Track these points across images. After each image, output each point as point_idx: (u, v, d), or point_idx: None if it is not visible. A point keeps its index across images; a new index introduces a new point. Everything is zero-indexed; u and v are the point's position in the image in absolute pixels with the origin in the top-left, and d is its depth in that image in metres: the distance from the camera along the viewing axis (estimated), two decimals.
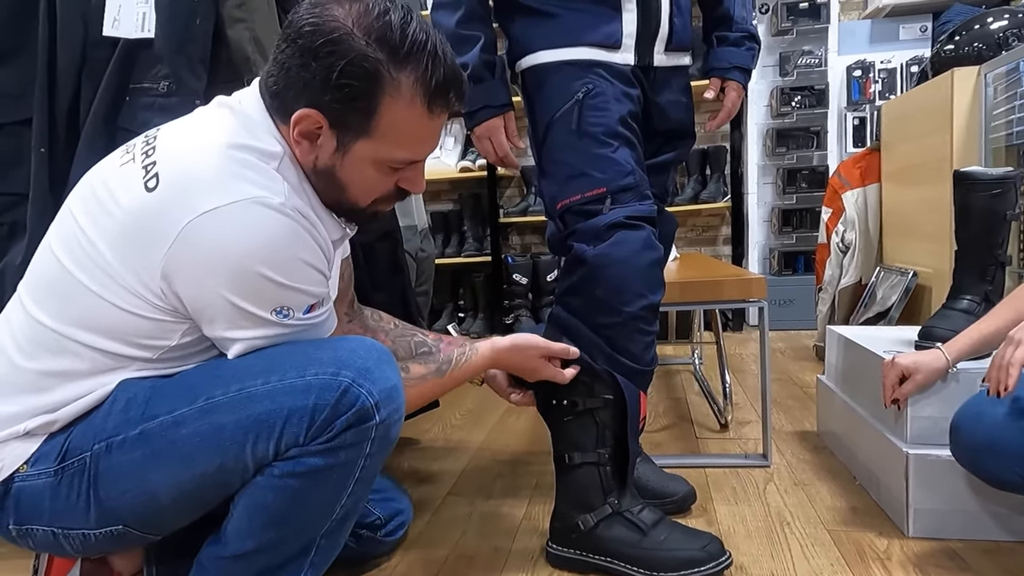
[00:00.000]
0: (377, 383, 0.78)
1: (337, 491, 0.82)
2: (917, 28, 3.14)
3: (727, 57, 1.31)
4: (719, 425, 1.84)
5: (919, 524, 1.17)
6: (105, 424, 0.80)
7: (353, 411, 0.77)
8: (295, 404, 0.76)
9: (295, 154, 0.83)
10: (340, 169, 0.84)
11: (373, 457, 0.81)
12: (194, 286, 0.77)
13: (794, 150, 3.29)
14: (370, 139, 0.81)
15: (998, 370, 0.97)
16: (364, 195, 0.87)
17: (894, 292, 2.18)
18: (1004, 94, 1.82)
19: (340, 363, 0.78)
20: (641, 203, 1.14)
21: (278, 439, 0.77)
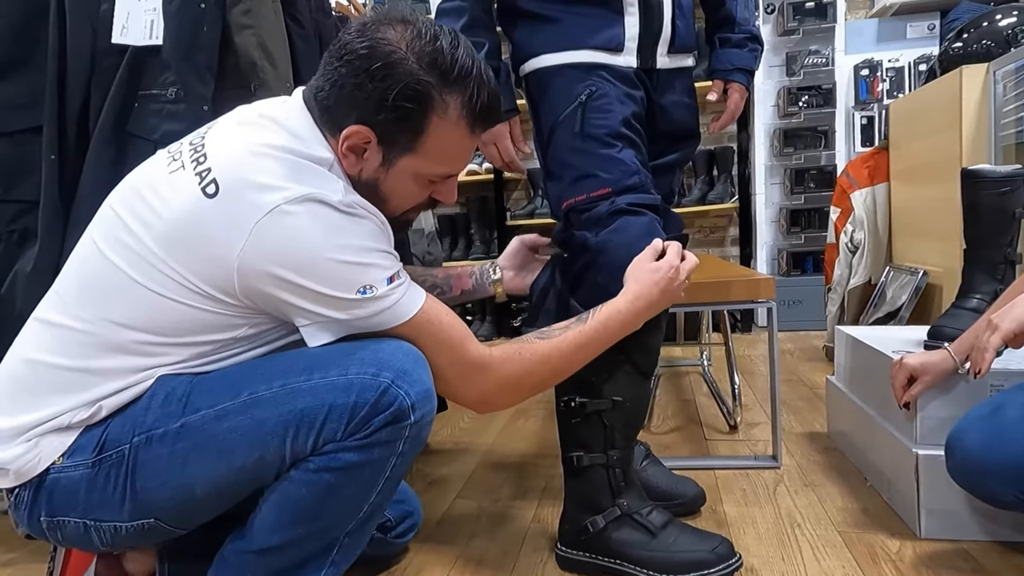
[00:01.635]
0: (415, 385, 0.82)
1: (367, 488, 0.84)
2: (924, 26, 3.13)
3: (729, 59, 1.31)
4: (728, 426, 1.83)
5: (931, 525, 1.16)
6: (145, 418, 0.82)
7: (391, 410, 0.80)
8: (337, 400, 0.79)
9: (341, 164, 0.88)
10: (383, 182, 0.89)
11: (404, 456, 0.84)
12: (273, 283, 0.80)
13: (802, 150, 3.28)
14: (414, 155, 0.87)
15: (976, 352, 1.00)
16: (401, 205, 0.93)
17: (904, 292, 2.16)
18: (1013, 91, 1.81)
19: (380, 364, 0.81)
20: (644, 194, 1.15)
21: (317, 434, 0.80)
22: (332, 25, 1.58)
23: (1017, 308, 0.96)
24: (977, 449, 0.97)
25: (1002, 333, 0.96)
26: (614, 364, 1.10)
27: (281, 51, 1.34)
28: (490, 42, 1.17)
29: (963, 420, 1.02)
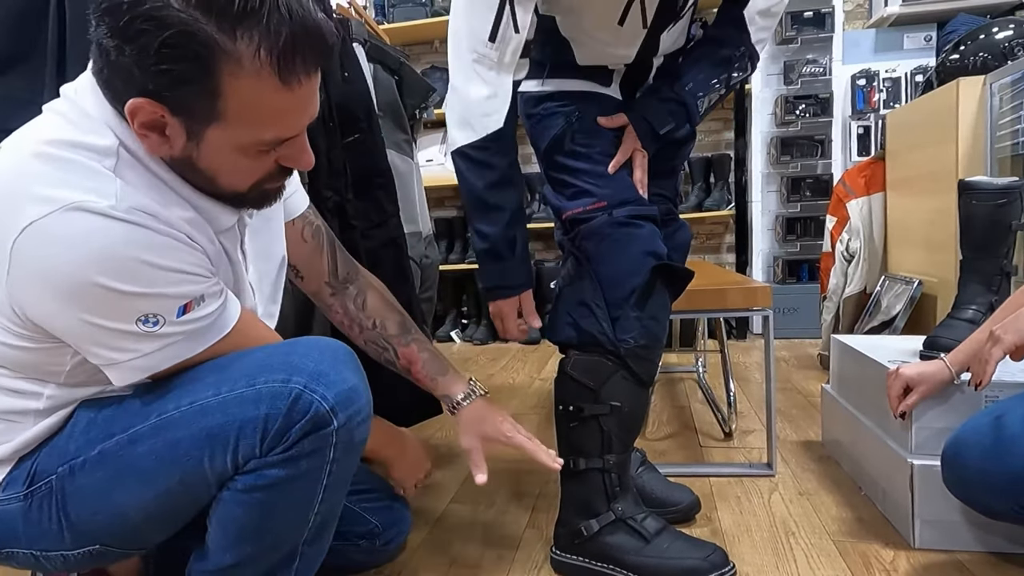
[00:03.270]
0: (332, 387, 0.74)
1: (306, 500, 0.79)
2: (922, 38, 3.15)
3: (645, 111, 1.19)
4: (723, 434, 1.84)
5: (925, 535, 1.16)
6: (68, 446, 0.78)
7: (307, 418, 0.73)
8: (246, 415, 0.73)
9: (142, 145, 0.72)
10: (199, 159, 0.72)
11: (339, 462, 0.77)
12: (43, 310, 0.70)
13: (798, 158, 3.29)
14: (223, 124, 0.69)
15: (977, 363, 1.00)
16: (240, 181, 0.76)
17: (899, 301, 2.17)
18: (1010, 104, 1.82)
19: (291, 368, 0.74)
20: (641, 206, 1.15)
21: (234, 452, 0.74)
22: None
23: (1020, 320, 0.96)
24: (975, 463, 0.97)
25: (1005, 346, 0.96)
26: (611, 370, 1.10)
27: None
28: (514, 206, 1.09)
29: (960, 432, 1.02)
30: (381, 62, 1.95)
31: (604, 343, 1.09)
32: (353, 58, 1.67)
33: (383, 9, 3.70)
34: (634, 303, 1.09)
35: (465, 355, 3.23)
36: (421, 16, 3.60)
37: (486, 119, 1.04)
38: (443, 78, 3.71)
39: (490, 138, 1.04)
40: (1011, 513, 0.95)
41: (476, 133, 1.04)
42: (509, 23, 1.00)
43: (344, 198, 1.54)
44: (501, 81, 1.04)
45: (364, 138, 1.62)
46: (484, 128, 1.04)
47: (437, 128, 3.68)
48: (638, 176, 1.18)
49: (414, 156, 2.08)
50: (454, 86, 1.05)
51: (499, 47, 1.01)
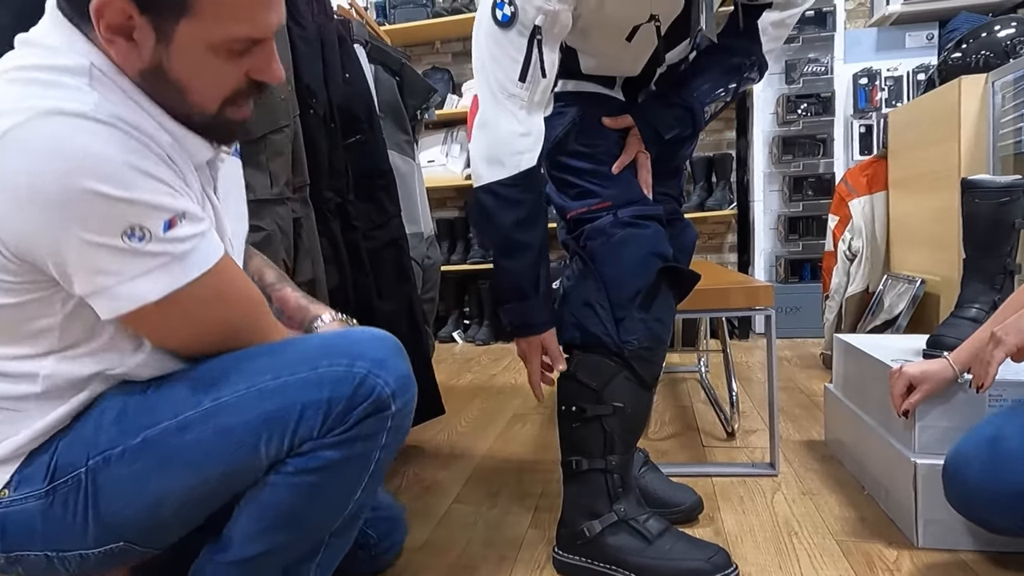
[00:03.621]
0: (392, 372, 0.77)
1: (352, 485, 0.79)
2: (923, 36, 3.14)
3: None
4: (726, 434, 1.83)
5: (928, 535, 1.16)
6: (98, 437, 0.75)
7: (370, 401, 0.75)
8: (309, 398, 0.74)
9: (115, 63, 0.70)
10: (170, 64, 0.70)
11: (387, 448, 0.79)
12: (24, 230, 0.66)
13: (800, 158, 3.29)
14: (193, 18, 0.68)
15: (979, 366, 1.00)
16: (210, 94, 0.74)
17: (902, 300, 2.17)
18: (1012, 102, 1.82)
19: (354, 354, 0.76)
20: (646, 206, 1.15)
21: (292, 435, 0.74)
22: (334, 28, 1.58)
23: (1022, 321, 0.96)
24: (976, 479, 0.96)
25: (1007, 347, 0.96)
26: (614, 371, 1.10)
27: (283, 54, 1.34)
28: (541, 244, 1.08)
29: (961, 446, 1.01)
30: (382, 63, 1.95)
31: (608, 344, 1.09)
32: (354, 59, 1.67)
33: (384, 10, 3.70)
34: (639, 304, 1.09)
35: (467, 355, 3.23)
36: (422, 17, 3.60)
37: (519, 157, 1.02)
38: (444, 79, 3.72)
39: (521, 175, 1.03)
40: (1014, 529, 0.95)
41: (507, 170, 1.02)
42: (538, 65, 1.00)
43: (345, 199, 1.54)
44: (533, 121, 1.03)
45: (365, 139, 1.63)
46: (516, 166, 1.02)
47: (438, 129, 3.69)
48: (643, 176, 1.18)
49: (415, 157, 2.08)
50: (484, 122, 1.03)
51: (530, 87, 1.01)
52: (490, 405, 2.28)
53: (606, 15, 1.05)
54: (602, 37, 1.08)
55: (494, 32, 0.99)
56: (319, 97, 1.46)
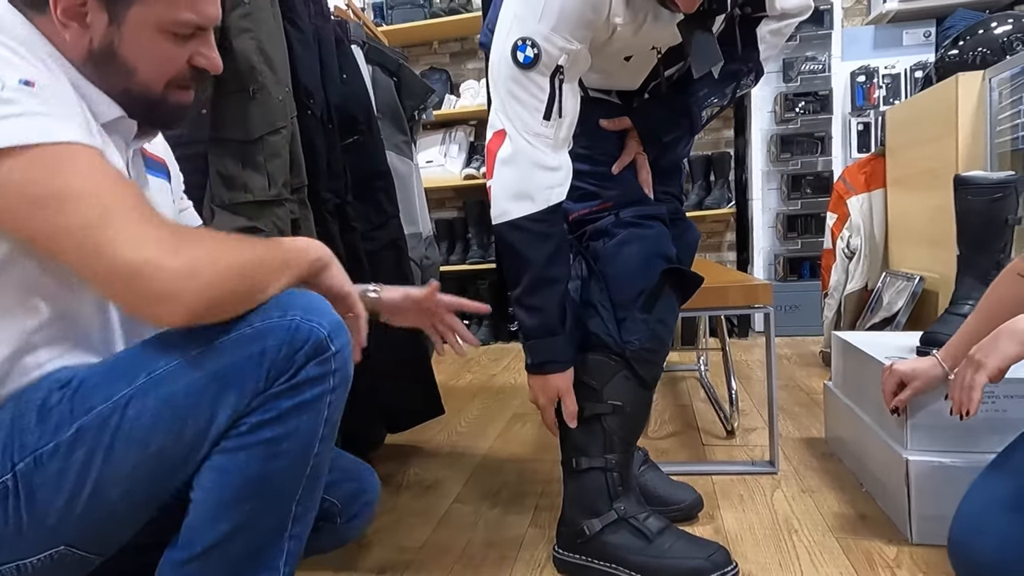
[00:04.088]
0: (324, 316, 0.75)
1: (308, 437, 0.76)
2: (920, 33, 3.14)
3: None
4: (726, 432, 1.84)
5: (922, 530, 1.16)
6: (23, 440, 0.71)
7: (309, 344, 0.73)
8: (249, 351, 0.72)
9: (60, 49, 0.74)
10: (121, 45, 0.75)
11: (336, 392, 0.76)
12: None
13: (798, 156, 3.29)
14: (143, 2, 0.74)
15: (960, 391, 0.95)
16: (156, 75, 0.78)
17: (900, 297, 2.17)
18: (1009, 99, 1.82)
19: (284, 306, 0.74)
20: (648, 206, 1.15)
21: (239, 392, 0.72)
22: (331, 29, 1.58)
23: (1001, 343, 0.92)
24: (994, 543, 0.85)
25: (988, 371, 0.92)
26: (615, 370, 1.10)
27: (280, 55, 1.34)
28: (567, 276, 1.08)
29: (972, 511, 0.90)
30: (380, 64, 1.95)
31: (609, 344, 1.09)
32: (352, 60, 1.67)
33: (381, 11, 3.70)
34: (641, 305, 1.09)
35: (467, 356, 3.24)
36: (419, 18, 3.60)
37: (549, 192, 1.02)
38: (442, 79, 3.72)
39: (550, 210, 1.02)
40: None
41: (537, 205, 1.01)
42: (563, 101, 1.00)
43: (344, 200, 1.54)
44: (561, 158, 1.03)
45: (363, 140, 1.63)
46: (546, 200, 1.01)
47: (437, 129, 3.69)
48: (643, 177, 1.18)
49: (413, 157, 2.08)
50: (511, 158, 1.01)
51: (554, 124, 1.00)
52: (490, 405, 2.29)
53: (612, 50, 1.05)
54: (603, 60, 1.09)
55: (515, 74, 0.98)
56: (316, 98, 1.46)
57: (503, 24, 0.99)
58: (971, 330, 1.08)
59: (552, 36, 0.96)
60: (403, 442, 1.89)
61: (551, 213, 1.02)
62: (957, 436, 1.16)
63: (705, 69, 1.05)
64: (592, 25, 0.98)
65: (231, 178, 1.28)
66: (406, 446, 1.87)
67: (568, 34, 0.96)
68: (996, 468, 0.93)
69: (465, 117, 3.66)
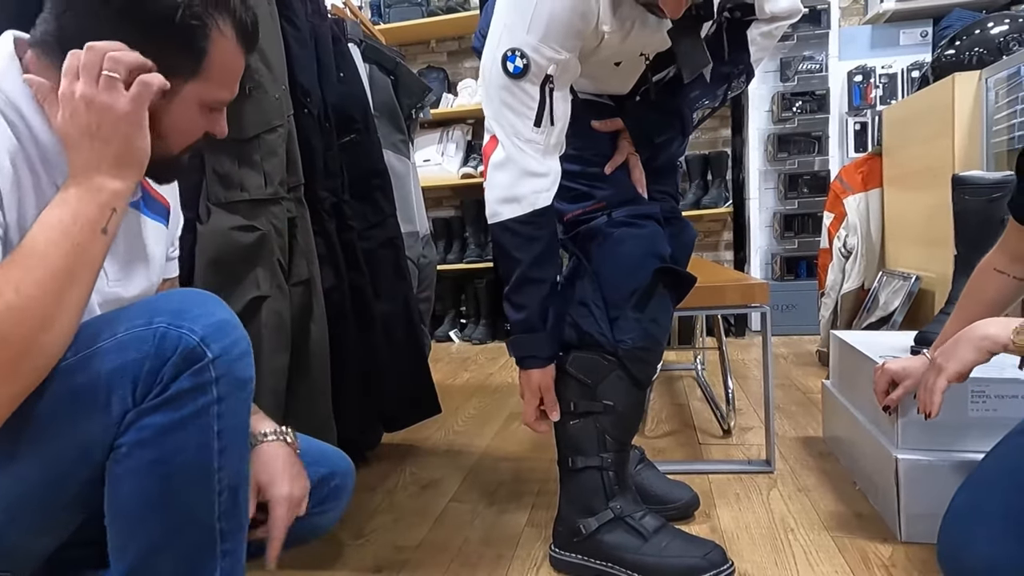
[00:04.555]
0: (197, 320, 0.70)
1: (201, 452, 0.71)
2: (918, 33, 3.15)
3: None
4: (722, 431, 1.84)
5: (912, 528, 1.17)
6: None
7: (177, 354, 0.68)
8: (114, 364, 0.67)
9: None
10: (165, 114, 0.77)
11: (226, 402, 0.71)
12: None
13: (795, 155, 3.29)
14: (199, 80, 0.77)
15: (924, 393, 0.99)
16: (181, 141, 0.81)
17: (897, 297, 2.18)
18: (1005, 98, 1.82)
19: (151, 312, 0.70)
20: (642, 205, 1.15)
21: (106, 411, 0.68)
22: (328, 28, 1.58)
23: (960, 349, 0.95)
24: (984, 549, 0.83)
25: (948, 375, 0.95)
26: (608, 369, 1.10)
27: (276, 53, 1.34)
28: (554, 279, 1.10)
29: (959, 519, 0.88)
30: (377, 62, 1.95)
31: (602, 343, 1.10)
32: (349, 59, 1.67)
33: (379, 9, 3.69)
34: (634, 304, 1.09)
35: (464, 355, 3.24)
36: (417, 16, 3.60)
37: (535, 196, 1.04)
38: (439, 78, 3.71)
39: (536, 213, 1.04)
40: None
41: (523, 208, 1.04)
42: (553, 109, 1.01)
43: (341, 198, 1.54)
44: (550, 163, 1.05)
45: (360, 139, 1.63)
46: (532, 204, 1.04)
47: (434, 128, 3.69)
48: (636, 176, 1.18)
49: (411, 156, 2.08)
50: (502, 163, 1.03)
51: (544, 131, 1.02)
52: (487, 404, 2.29)
53: (601, 57, 1.07)
54: (593, 66, 1.10)
55: (506, 83, 0.99)
56: (313, 97, 1.46)
57: (493, 34, 1.00)
58: (954, 328, 1.09)
59: (541, 47, 0.96)
60: (400, 441, 1.89)
61: (539, 216, 1.04)
62: (948, 435, 1.16)
63: (694, 74, 1.06)
64: (581, 34, 0.99)
65: (227, 176, 1.28)
66: (403, 445, 1.87)
67: (557, 44, 0.97)
68: (981, 473, 0.93)
69: (462, 116, 3.66)
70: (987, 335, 0.92)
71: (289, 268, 1.36)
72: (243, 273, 1.29)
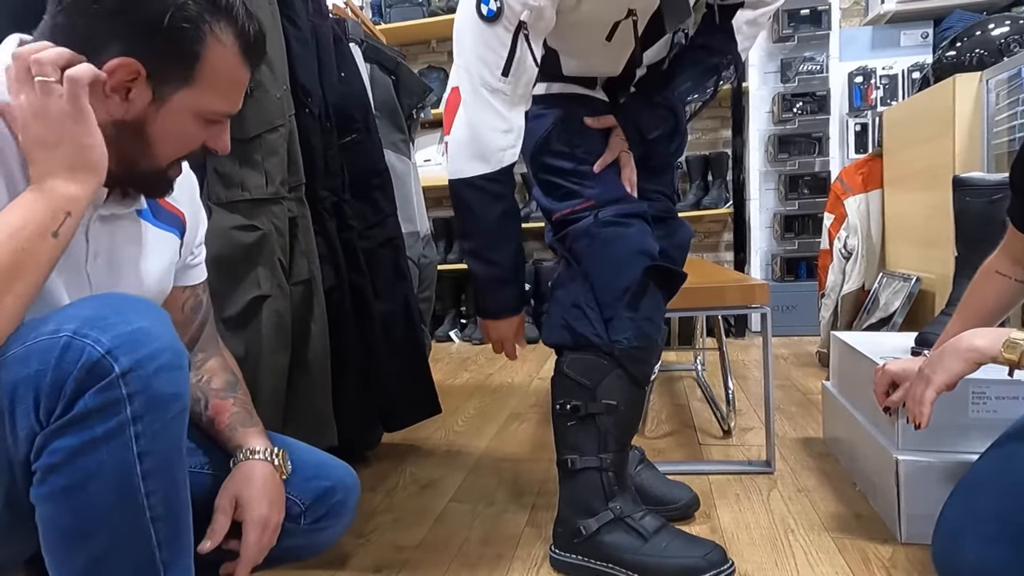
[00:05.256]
0: (106, 330, 0.63)
1: (121, 477, 0.64)
2: (918, 34, 3.15)
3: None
4: (722, 431, 1.84)
5: (912, 529, 1.17)
6: None
7: (80, 369, 0.61)
8: (15, 377, 0.62)
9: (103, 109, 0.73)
10: (153, 124, 0.75)
11: (144, 421, 0.64)
12: None
13: (796, 156, 3.29)
14: (192, 88, 0.75)
15: (912, 403, 0.98)
16: (169, 153, 0.78)
17: (897, 298, 2.18)
18: (1006, 100, 1.82)
19: (62, 319, 0.64)
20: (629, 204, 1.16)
21: (11, 429, 0.63)
22: (329, 28, 1.58)
23: (946, 360, 0.94)
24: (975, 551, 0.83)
25: (936, 386, 0.95)
26: (607, 369, 1.10)
27: (278, 53, 1.34)
28: (519, 232, 1.13)
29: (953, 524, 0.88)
30: (378, 62, 1.95)
31: (598, 344, 1.10)
32: (350, 58, 1.67)
33: (380, 9, 3.70)
34: (627, 303, 1.09)
35: (464, 355, 3.24)
36: (418, 16, 3.60)
37: (501, 153, 1.05)
38: (440, 78, 3.71)
39: (503, 171, 1.06)
40: None
41: (490, 166, 1.05)
42: (522, 59, 1.01)
43: (341, 198, 1.54)
44: (515, 116, 1.05)
45: (361, 138, 1.63)
46: (499, 162, 1.05)
47: (435, 128, 3.68)
48: (626, 175, 1.19)
49: (411, 156, 2.08)
50: (467, 120, 1.04)
51: (512, 81, 1.02)
52: (487, 404, 2.29)
53: (584, 12, 1.05)
54: (582, 36, 1.09)
55: (478, 27, 1.00)
56: (314, 96, 1.46)
57: None
58: (956, 330, 1.09)
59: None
60: (400, 441, 1.89)
61: (504, 174, 1.06)
62: (948, 437, 1.16)
63: (675, 25, 1.06)
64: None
65: (228, 176, 1.28)
66: (403, 445, 1.87)
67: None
68: (974, 476, 0.93)
69: None
70: (974, 347, 0.92)
71: (290, 267, 1.36)
72: (244, 272, 1.29)
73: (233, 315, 1.28)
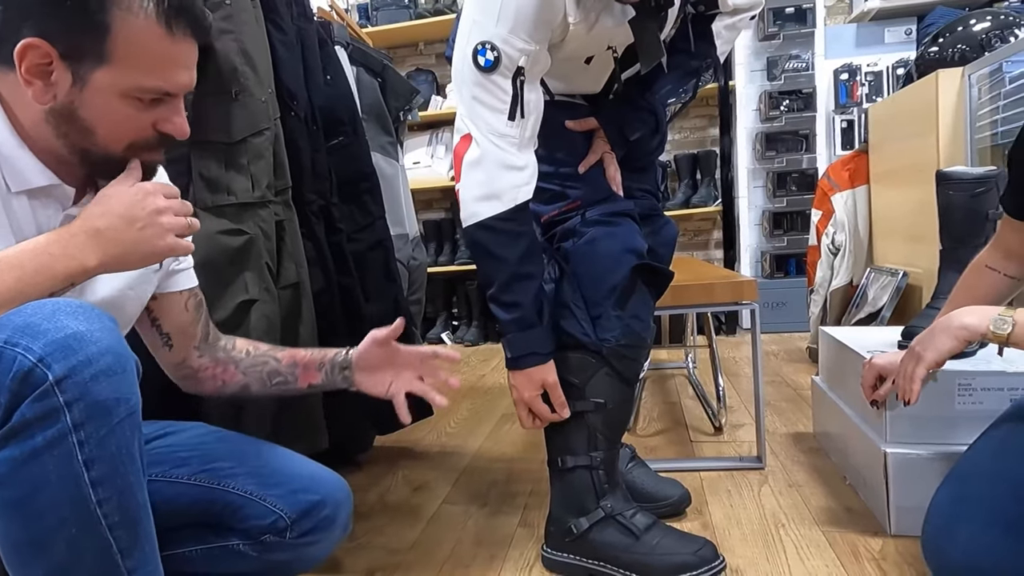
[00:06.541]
0: (41, 336, 0.61)
1: (68, 486, 0.62)
2: (902, 31, 3.17)
3: None
4: (713, 428, 1.85)
5: (900, 522, 1.18)
6: None
7: (12, 378, 0.60)
8: None
9: (25, 102, 0.73)
10: (82, 106, 0.73)
11: (87, 428, 0.62)
12: None
13: (783, 153, 3.31)
14: (109, 66, 0.72)
15: (903, 381, 1.00)
16: (116, 137, 0.76)
17: (885, 293, 2.19)
18: (988, 94, 1.84)
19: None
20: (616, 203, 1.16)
21: None
22: (314, 31, 1.58)
23: (936, 337, 0.96)
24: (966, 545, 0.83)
25: (926, 363, 0.97)
26: (595, 368, 1.11)
27: (262, 56, 1.34)
28: (541, 271, 1.09)
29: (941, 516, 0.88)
30: (364, 65, 1.95)
31: (586, 343, 1.10)
32: (335, 61, 1.67)
33: (366, 12, 3.69)
34: (614, 302, 1.10)
35: None
36: (404, 19, 3.60)
37: (516, 191, 1.03)
38: (428, 80, 3.71)
39: (518, 208, 1.03)
40: None
41: (504, 204, 1.02)
42: (527, 99, 1.01)
43: (329, 202, 1.54)
44: (527, 157, 1.04)
45: (348, 141, 1.62)
46: (513, 200, 1.03)
47: (423, 130, 3.69)
48: (611, 174, 1.19)
49: (399, 158, 2.08)
50: (477, 161, 1.02)
51: (520, 124, 1.02)
52: (479, 405, 2.29)
53: (568, 51, 1.07)
54: (563, 63, 1.10)
55: (477, 78, 1.00)
56: (300, 99, 1.45)
57: (463, 30, 1.01)
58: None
59: (510, 38, 0.97)
60: (392, 444, 1.88)
61: (519, 212, 1.03)
62: (935, 429, 1.17)
63: (650, 65, 1.07)
64: (549, 24, 0.99)
65: (214, 180, 1.27)
66: (395, 447, 1.87)
67: (526, 35, 0.97)
68: (963, 466, 0.94)
69: (452, 118, 3.63)
70: (964, 325, 0.93)
71: (278, 271, 1.36)
72: (231, 277, 1.28)
73: (221, 320, 1.27)
